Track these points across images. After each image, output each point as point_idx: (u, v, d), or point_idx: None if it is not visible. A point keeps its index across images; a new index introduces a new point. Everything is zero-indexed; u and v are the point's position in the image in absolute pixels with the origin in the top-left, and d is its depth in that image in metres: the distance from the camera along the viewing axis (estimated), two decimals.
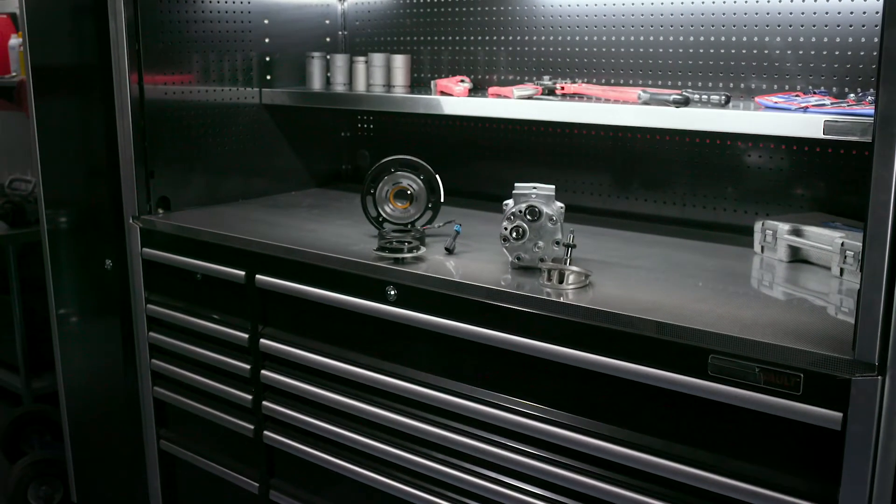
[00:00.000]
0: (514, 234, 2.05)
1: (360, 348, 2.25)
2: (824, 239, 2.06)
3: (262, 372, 2.46)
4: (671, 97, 2.13)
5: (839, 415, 1.50)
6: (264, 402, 2.47)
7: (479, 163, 2.98)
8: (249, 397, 2.51)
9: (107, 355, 2.92)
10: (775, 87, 2.32)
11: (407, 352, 2.16)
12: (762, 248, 2.21)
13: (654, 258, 2.22)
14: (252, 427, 2.53)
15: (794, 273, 2.09)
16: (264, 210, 2.87)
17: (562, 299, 1.86)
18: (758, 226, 2.22)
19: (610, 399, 1.82)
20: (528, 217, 2.04)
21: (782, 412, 1.57)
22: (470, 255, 2.25)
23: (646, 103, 2.20)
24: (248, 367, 2.49)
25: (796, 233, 2.13)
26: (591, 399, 1.84)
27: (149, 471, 2.91)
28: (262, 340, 2.44)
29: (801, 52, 2.27)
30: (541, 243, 2.05)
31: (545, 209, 2.04)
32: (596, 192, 2.73)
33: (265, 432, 2.49)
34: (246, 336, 2.48)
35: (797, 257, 2.14)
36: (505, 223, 2.07)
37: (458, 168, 3.00)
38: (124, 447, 2.96)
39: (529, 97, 2.44)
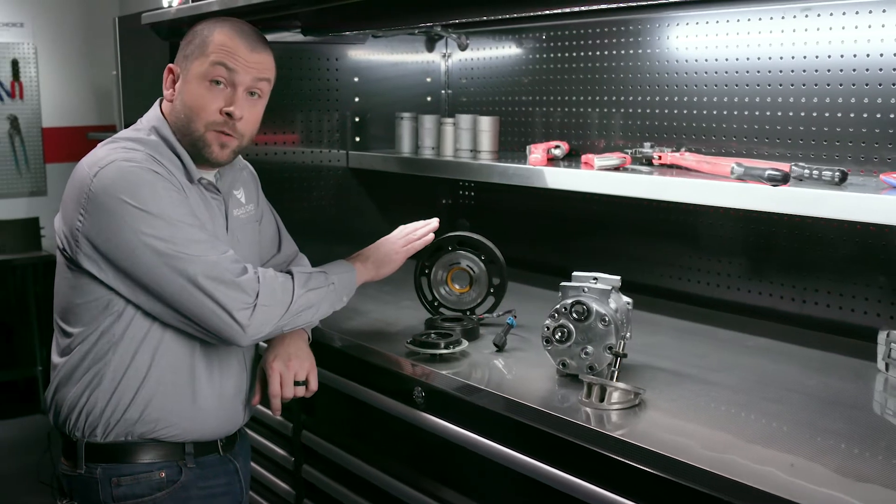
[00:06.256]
0: (557, 336, 1.70)
1: (394, 453, 1.97)
2: None
3: (304, 467, 2.22)
4: (766, 173, 1.71)
5: None
6: (305, 500, 2.23)
7: (575, 238, 2.61)
8: (294, 492, 2.28)
9: None
10: None
11: (436, 463, 1.85)
12: (886, 365, 1.74)
13: (744, 370, 1.79)
14: None
15: None
16: None
17: (604, 425, 1.50)
18: (881, 336, 1.75)
19: None
20: (574, 316, 1.69)
21: None
22: (521, 354, 1.91)
23: (739, 178, 1.79)
24: (292, 459, 2.26)
25: None
26: None
27: None
28: (304, 432, 2.21)
29: None
30: (589, 348, 1.68)
31: (596, 307, 1.67)
32: (702, 280, 2.30)
33: None
34: (290, 426, 2.25)
35: None
36: (548, 321, 1.72)
37: (553, 241, 2.65)
38: None
39: (615, 168, 2.09)
